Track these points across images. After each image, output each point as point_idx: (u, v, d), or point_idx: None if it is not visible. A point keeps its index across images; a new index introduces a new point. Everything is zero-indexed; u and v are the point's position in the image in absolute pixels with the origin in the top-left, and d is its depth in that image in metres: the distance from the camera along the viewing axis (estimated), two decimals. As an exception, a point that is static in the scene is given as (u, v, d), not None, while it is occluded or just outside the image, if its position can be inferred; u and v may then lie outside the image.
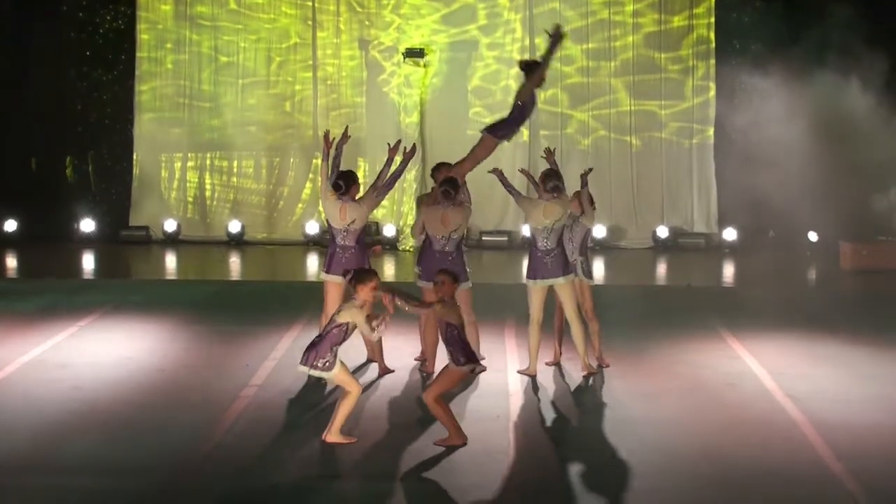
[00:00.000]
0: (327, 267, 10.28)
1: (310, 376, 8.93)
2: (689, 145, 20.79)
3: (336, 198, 10.12)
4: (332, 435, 8.34)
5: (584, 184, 10.64)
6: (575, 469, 8.00)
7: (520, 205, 10.72)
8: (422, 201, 11.08)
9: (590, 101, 20.81)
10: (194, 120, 21.22)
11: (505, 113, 11.13)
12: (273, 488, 7.51)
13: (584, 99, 20.79)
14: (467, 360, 8.52)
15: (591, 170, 10.92)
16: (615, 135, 20.82)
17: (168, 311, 13.40)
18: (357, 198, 10.25)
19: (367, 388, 9.83)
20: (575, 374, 10.43)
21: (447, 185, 10.33)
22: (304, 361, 8.42)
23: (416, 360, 10.83)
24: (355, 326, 8.40)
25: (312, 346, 8.42)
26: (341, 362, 8.43)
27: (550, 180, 10.31)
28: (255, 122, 21.16)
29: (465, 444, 8.33)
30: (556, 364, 10.77)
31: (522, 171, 11.06)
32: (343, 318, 8.38)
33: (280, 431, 8.77)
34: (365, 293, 8.39)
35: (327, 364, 8.34)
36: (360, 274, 8.57)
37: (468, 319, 10.40)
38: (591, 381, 10.28)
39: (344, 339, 8.43)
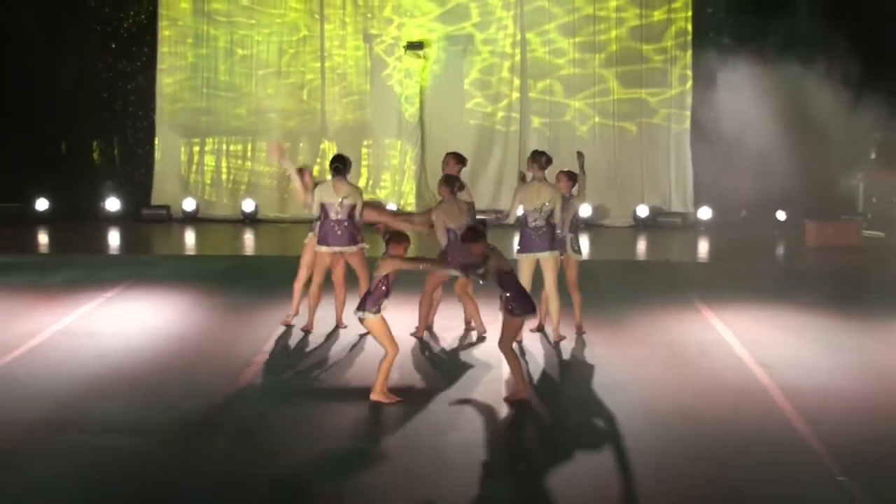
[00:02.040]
0: (323, 240, 10.50)
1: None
2: (668, 131, 20.73)
3: (331, 175, 10.51)
4: (376, 394, 8.39)
5: (582, 168, 10.69)
6: (562, 429, 7.99)
7: (516, 199, 10.58)
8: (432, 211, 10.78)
9: (579, 92, 20.72)
10: (213, 108, 21.19)
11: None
12: (281, 446, 7.49)
13: (575, 89, 20.70)
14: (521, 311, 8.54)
15: (581, 154, 11.04)
16: (600, 120, 20.74)
17: (187, 284, 13.37)
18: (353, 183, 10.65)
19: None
20: (562, 343, 10.41)
21: (448, 183, 10.25)
22: (360, 308, 8.40)
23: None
24: (396, 275, 8.39)
25: (365, 297, 8.40)
26: (384, 318, 8.41)
27: (539, 156, 10.41)
28: (273, 110, 21.18)
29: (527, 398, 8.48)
30: (540, 330, 10.77)
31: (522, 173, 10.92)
32: (383, 270, 8.32)
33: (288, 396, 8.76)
34: (398, 250, 8.33)
35: (375, 311, 8.33)
36: (397, 236, 8.49)
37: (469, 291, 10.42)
38: (572, 348, 10.27)
39: (389, 290, 8.36)
